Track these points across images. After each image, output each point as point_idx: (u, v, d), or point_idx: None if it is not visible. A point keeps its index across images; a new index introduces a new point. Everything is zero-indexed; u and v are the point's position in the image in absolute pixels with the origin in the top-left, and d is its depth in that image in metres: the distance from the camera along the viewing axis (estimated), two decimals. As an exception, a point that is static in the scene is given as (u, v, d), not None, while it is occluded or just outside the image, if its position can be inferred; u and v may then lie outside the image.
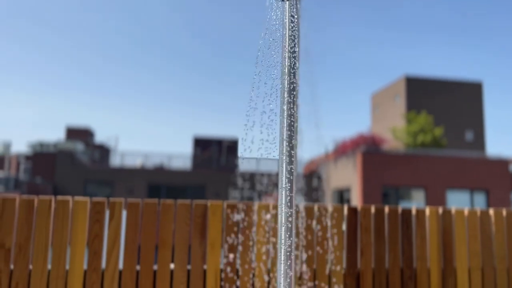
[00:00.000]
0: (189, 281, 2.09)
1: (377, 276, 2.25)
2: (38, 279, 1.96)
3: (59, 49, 55.46)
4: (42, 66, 59.28)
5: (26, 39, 53.98)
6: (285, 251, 1.43)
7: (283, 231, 1.44)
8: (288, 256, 1.40)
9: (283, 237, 1.43)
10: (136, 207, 2.09)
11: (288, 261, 1.42)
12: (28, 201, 2.00)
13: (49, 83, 59.75)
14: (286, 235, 1.44)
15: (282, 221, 1.49)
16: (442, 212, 2.38)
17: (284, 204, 1.48)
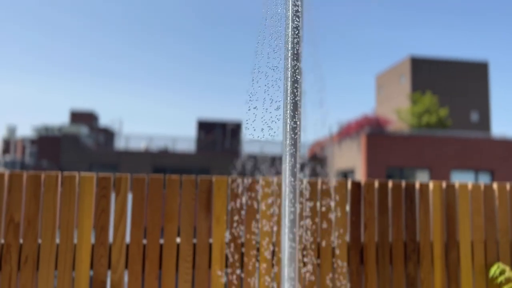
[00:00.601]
0: (195, 255, 2.12)
1: (381, 250, 2.28)
2: (47, 253, 2.00)
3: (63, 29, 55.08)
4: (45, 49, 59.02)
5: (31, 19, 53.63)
6: (289, 218, 1.45)
7: (287, 196, 1.46)
8: (292, 224, 1.42)
9: (287, 204, 1.44)
10: (142, 182, 2.11)
11: (292, 230, 1.44)
12: (35, 176, 2.03)
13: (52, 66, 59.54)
14: (290, 202, 1.45)
15: (286, 189, 1.51)
16: (446, 186, 2.39)
17: (288, 171, 1.49)
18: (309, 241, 2.20)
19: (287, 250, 1.49)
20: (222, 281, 2.11)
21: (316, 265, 2.20)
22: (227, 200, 2.18)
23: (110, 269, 2.06)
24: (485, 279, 2.34)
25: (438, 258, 2.32)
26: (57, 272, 2.00)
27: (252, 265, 2.14)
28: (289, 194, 1.51)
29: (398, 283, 2.27)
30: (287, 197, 1.50)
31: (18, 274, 1.98)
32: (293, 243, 1.49)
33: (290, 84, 1.52)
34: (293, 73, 1.52)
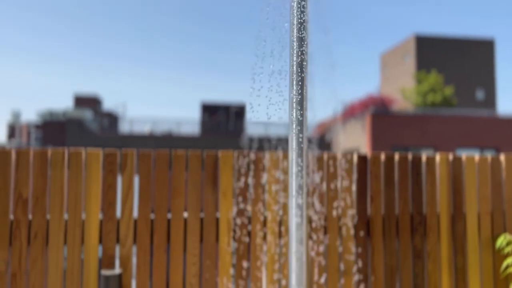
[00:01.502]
0: (202, 229, 2.13)
1: (387, 222, 2.28)
2: (56, 228, 2.02)
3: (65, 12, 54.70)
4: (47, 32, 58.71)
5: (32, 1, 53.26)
6: (296, 187, 1.45)
7: (293, 165, 1.46)
8: (299, 189, 1.42)
9: (294, 172, 1.44)
10: (148, 158, 2.12)
11: (299, 197, 1.44)
12: (42, 153, 2.03)
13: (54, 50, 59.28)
14: (297, 169, 1.45)
15: (293, 156, 1.50)
16: (453, 159, 2.37)
17: (295, 141, 1.49)
18: (316, 214, 2.21)
19: (294, 218, 1.49)
20: (229, 254, 2.13)
21: (323, 237, 2.21)
22: (233, 174, 2.18)
23: (118, 244, 2.08)
24: (491, 250, 2.34)
25: (444, 230, 2.32)
26: (66, 247, 2.02)
27: (259, 237, 2.15)
28: (296, 160, 1.50)
29: (404, 255, 2.28)
30: (294, 163, 1.50)
31: (28, 249, 2.00)
32: (300, 211, 1.49)
33: (296, 54, 1.50)
34: (299, 44, 1.50)
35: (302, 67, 1.50)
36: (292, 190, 1.49)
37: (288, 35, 1.54)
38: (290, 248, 1.48)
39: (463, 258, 2.32)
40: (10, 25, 57.03)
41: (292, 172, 1.49)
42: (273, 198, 2.18)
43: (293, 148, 1.46)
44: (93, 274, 2.03)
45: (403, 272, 2.26)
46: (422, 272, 2.28)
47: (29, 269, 1.99)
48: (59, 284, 2.00)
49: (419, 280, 2.27)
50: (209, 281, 2.10)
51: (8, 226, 1.99)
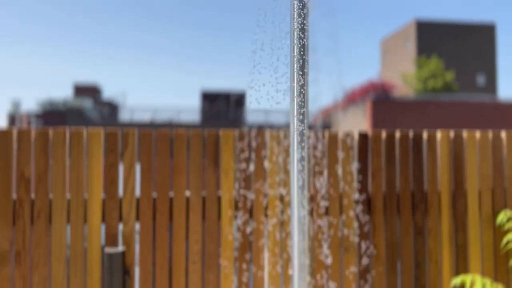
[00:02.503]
0: (205, 207, 2.14)
1: (388, 200, 2.29)
2: (59, 207, 2.03)
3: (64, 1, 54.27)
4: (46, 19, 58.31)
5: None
6: (297, 161, 1.45)
7: (295, 142, 1.46)
8: (300, 166, 1.42)
9: (295, 148, 1.44)
10: (149, 137, 2.12)
11: (300, 172, 1.44)
12: (43, 132, 2.03)
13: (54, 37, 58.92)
14: (299, 146, 1.45)
15: (294, 135, 1.50)
16: (454, 136, 2.37)
17: (296, 117, 1.49)
18: (317, 192, 2.22)
19: (296, 193, 1.49)
20: (231, 231, 2.14)
21: (324, 215, 2.22)
22: (234, 152, 2.18)
23: (121, 222, 2.09)
24: (492, 227, 2.35)
25: (445, 207, 2.33)
26: (70, 225, 2.04)
27: (261, 213, 2.16)
28: (297, 137, 1.50)
29: (405, 232, 2.29)
30: (295, 140, 1.50)
31: (31, 228, 2.01)
32: (301, 185, 1.49)
33: (297, 34, 1.48)
34: (300, 25, 1.49)
35: (304, 50, 1.49)
36: (293, 157, 1.49)
37: (290, 19, 1.53)
38: (292, 215, 1.48)
39: (464, 234, 2.33)
40: (8, 12, 56.71)
41: (294, 138, 1.49)
42: (274, 174, 2.19)
43: (294, 116, 1.46)
44: (96, 252, 2.05)
45: (404, 249, 2.28)
46: (423, 248, 2.29)
47: (33, 247, 2.00)
48: (63, 262, 2.02)
49: (420, 256, 2.29)
50: (211, 258, 2.12)
51: (11, 205, 2.01)
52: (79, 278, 2.03)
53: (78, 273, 2.03)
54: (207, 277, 2.11)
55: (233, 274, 2.13)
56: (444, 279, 2.28)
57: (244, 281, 2.13)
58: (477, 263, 2.30)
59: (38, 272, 1.99)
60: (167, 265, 2.10)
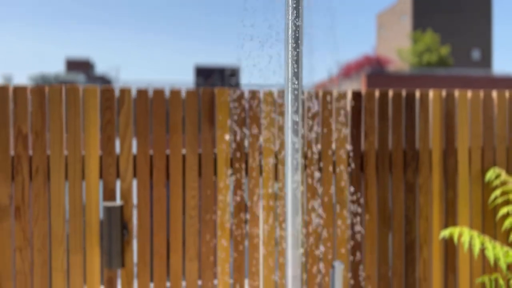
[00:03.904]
0: (201, 165, 2.18)
1: (381, 157, 2.34)
2: (57, 163, 2.06)
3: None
4: None
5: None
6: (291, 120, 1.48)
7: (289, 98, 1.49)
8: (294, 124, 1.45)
9: (290, 105, 1.47)
10: (145, 94, 2.14)
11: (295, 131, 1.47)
12: (39, 89, 2.05)
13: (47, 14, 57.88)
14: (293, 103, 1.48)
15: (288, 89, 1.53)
16: (446, 95, 2.41)
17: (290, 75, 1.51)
18: (311, 149, 2.25)
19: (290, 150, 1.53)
20: (228, 187, 2.19)
21: (318, 173, 2.27)
22: (229, 111, 2.21)
23: (119, 178, 2.13)
24: (481, 184, 2.42)
25: (436, 165, 2.38)
26: (68, 181, 2.07)
27: (256, 171, 2.21)
28: (291, 93, 1.53)
29: (397, 189, 2.35)
30: (290, 96, 1.52)
31: (30, 184, 2.05)
32: (296, 141, 1.53)
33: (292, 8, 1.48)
34: None
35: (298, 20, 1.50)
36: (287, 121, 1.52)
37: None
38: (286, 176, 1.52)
39: (454, 191, 2.39)
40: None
41: (288, 95, 1.52)
42: (269, 133, 2.22)
43: (288, 70, 1.48)
44: (95, 208, 2.09)
45: (395, 205, 2.34)
46: (413, 204, 2.36)
47: (32, 202, 2.04)
48: (62, 217, 2.07)
49: (410, 213, 2.35)
50: (208, 213, 2.17)
51: (10, 161, 2.03)
52: (78, 233, 2.07)
53: (77, 228, 2.07)
54: (203, 231, 2.17)
55: (229, 229, 2.19)
56: (434, 234, 2.36)
57: (240, 235, 2.19)
58: (465, 218, 2.37)
59: (38, 226, 2.04)
60: (164, 221, 2.15)
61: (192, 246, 2.15)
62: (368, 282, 2.30)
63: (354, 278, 2.29)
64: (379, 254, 2.32)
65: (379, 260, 2.32)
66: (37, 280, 2.04)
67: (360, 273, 2.29)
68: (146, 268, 2.13)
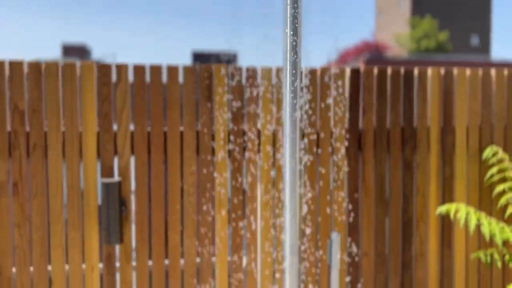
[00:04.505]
0: (198, 141, 2.18)
1: (378, 135, 2.34)
2: (54, 139, 2.05)
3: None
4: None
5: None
6: (290, 93, 1.48)
7: (288, 72, 1.48)
8: (293, 99, 1.44)
9: (288, 79, 1.46)
10: (142, 71, 2.12)
11: (293, 105, 1.46)
12: (36, 64, 2.03)
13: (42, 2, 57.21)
14: (291, 77, 1.47)
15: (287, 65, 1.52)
16: (444, 72, 2.40)
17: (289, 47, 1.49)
18: (309, 126, 2.25)
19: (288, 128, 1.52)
20: (225, 164, 2.19)
21: (315, 153, 2.27)
22: (227, 87, 2.19)
23: (116, 156, 2.12)
24: (478, 161, 2.42)
25: (434, 143, 2.39)
26: (65, 158, 2.07)
27: (254, 147, 2.21)
28: (290, 67, 1.52)
29: (394, 167, 2.35)
30: (288, 70, 1.51)
31: (27, 160, 2.04)
32: (294, 115, 1.52)
33: None
34: None
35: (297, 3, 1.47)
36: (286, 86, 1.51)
37: None
38: (285, 151, 1.51)
39: (451, 169, 2.40)
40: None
41: (287, 68, 1.51)
42: (267, 110, 2.22)
43: (287, 40, 1.47)
44: (92, 184, 2.09)
45: (393, 182, 2.35)
46: (411, 182, 2.36)
47: (30, 179, 2.04)
48: (60, 193, 2.07)
49: (407, 190, 2.36)
50: (206, 190, 2.18)
51: (7, 137, 2.02)
52: (76, 209, 2.08)
53: (75, 204, 2.08)
54: (201, 208, 2.18)
55: (227, 204, 2.20)
56: (431, 211, 2.37)
57: (238, 210, 2.20)
58: (462, 195, 2.39)
59: (36, 202, 2.04)
60: (162, 198, 2.15)
61: (190, 222, 2.16)
62: (365, 259, 2.32)
63: (351, 254, 2.30)
64: (376, 231, 2.33)
65: (376, 237, 2.33)
66: (36, 256, 2.05)
67: (357, 250, 2.30)
68: (144, 244, 2.13)
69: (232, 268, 2.21)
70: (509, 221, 2.34)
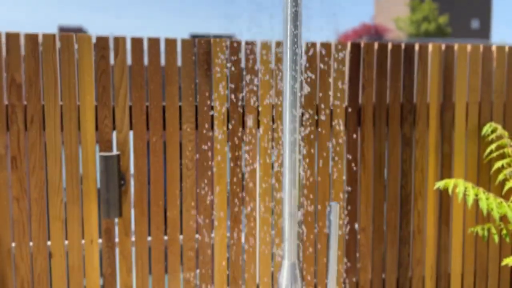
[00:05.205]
0: (197, 115, 2.17)
1: (378, 111, 2.33)
2: (52, 113, 2.04)
3: None
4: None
5: None
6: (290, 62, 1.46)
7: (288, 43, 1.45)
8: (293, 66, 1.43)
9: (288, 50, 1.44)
10: (140, 43, 2.10)
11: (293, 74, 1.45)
12: (32, 36, 2.00)
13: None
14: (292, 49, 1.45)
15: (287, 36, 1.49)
16: (445, 47, 2.38)
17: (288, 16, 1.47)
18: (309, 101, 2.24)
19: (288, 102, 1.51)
20: (224, 140, 2.18)
21: (315, 128, 2.26)
22: (226, 61, 2.17)
23: (115, 130, 2.11)
24: (477, 138, 2.42)
25: (433, 119, 2.38)
26: (63, 132, 2.06)
27: (253, 123, 2.20)
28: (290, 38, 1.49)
29: (393, 143, 2.35)
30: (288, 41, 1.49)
31: (25, 134, 2.03)
32: (295, 87, 1.51)
33: None
34: None
35: None
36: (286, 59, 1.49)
37: None
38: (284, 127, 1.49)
39: (450, 145, 2.40)
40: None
41: (287, 41, 1.49)
42: (266, 83, 2.20)
43: (287, 9, 1.44)
44: (91, 158, 2.08)
45: (391, 158, 2.35)
46: (409, 158, 2.37)
47: (28, 152, 2.03)
48: (58, 167, 2.06)
49: (406, 166, 2.37)
50: (205, 164, 2.17)
51: (4, 111, 2.01)
52: (75, 183, 2.07)
53: (74, 178, 2.07)
54: (200, 183, 2.18)
55: (226, 178, 2.20)
56: (429, 187, 2.38)
57: (237, 184, 2.21)
58: (461, 171, 2.39)
59: (35, 176, 2.03)
60: (161, 171, 2.15)
61: (189, 197, 2.16)
62: (363, 234, 2.34)
63: (349, 230, 2.32)
64: (374, 207, 2.34)
65: (374, 213, 2.34)
66: (35, 229, 2.05)
67: (355, 225, 2.32)
68: (143, 218, 2.14)
69: (231, 244, 2.22)
70: (507, 197, 2.35)
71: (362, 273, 2.34)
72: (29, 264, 2.06)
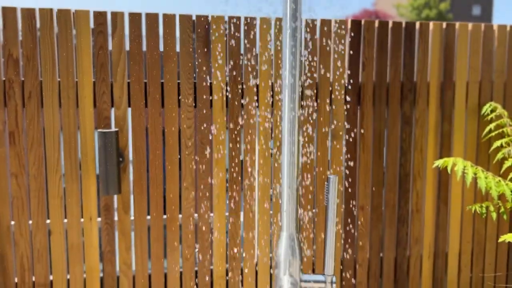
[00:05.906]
0: (196, 92, 2.15)
1: (378, 89, 2.32)
2: (50, 88, 2.02)
3: None
4: None
5: None
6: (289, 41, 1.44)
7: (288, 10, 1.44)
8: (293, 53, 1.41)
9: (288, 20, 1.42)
10: (138, 18, 2.07)
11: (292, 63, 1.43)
12: (28, 10, 1.97)
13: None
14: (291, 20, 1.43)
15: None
16: (446, 26, 2.36)
17: None
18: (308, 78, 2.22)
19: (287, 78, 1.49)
20: (223, 118, 2.17)
21: (314, 105, 2.25)
22: (225, 39, 2.15)
23: (113, 107, 2.10)
24: (477, 117, 2.42)
25: (433, 98, 2.37)
26: (61, 108, 2.04)
27: (252, 96, 2.19)
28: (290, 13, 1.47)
29: (393, 121, 2.34)
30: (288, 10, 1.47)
31: (23, 110, 2.02)
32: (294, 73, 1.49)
33: None
34: None
35: None
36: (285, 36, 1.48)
37: None
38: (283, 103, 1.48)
39: (450, 124, 2.39)
40: None
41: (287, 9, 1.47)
42: (266, 59, 2.18)
43: None
44: (89, 134, 2.07)
45: (391, 137, 2.35)
46: (409, 137, 2.36)
47: (26, 128, 2.02)
48: (57, 143, 2.05)
49: (405, 144, 2.36)
50: (203, 143, 2.17)
51: (1, 86, 1.99)
52: (73, 159, 2.07)
53: (73, 154, 2.07)
54: (199, 161, 2.17)
55: (225, 156, 2.20)
56: (428, 166, 2.38)
57: (236, 161, 2.20)
58: (460, 150, 2.39)
59: (33, 152, 2.03)
60: (160, 149, 2.15)
61: (188, 175, 2.16)
62: (361, 213, 2.34)
63: (347, 208, 2.32)
64: (373, 186, 2.34)
65: (372, 192, 2.35)
66: (34, 206, 2.05)
67: (353, 204, 2.32)
68: (143, 195, 2.14)
69: (230, 223, 2.23)
70: (505, 176, 2.36)
71: (360, 251, 2.36)
72: (29, 240, 2.07)
